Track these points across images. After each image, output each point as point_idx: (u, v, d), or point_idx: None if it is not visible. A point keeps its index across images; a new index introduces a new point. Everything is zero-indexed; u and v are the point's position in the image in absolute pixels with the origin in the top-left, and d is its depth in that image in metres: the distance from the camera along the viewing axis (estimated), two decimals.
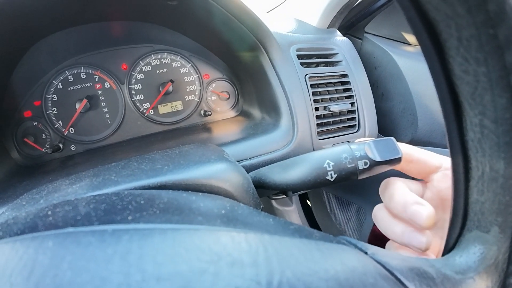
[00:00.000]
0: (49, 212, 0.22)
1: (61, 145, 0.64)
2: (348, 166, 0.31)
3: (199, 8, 0.49)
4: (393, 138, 0.32)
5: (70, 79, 0.64)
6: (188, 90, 0.70)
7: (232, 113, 0.74)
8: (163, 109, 0.69)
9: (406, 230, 0.28)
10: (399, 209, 0.28)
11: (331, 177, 0.32)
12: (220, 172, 0.33)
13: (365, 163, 0.31)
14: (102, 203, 0.23)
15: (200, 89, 0.71)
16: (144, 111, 0.68)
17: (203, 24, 0.57)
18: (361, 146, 0.32)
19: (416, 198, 0.28)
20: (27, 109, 0.64)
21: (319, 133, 0.59)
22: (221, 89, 0.73)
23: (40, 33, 0.57)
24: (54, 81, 0.64)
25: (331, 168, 0.32)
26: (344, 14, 0.75)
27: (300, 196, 0.99)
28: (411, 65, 0.72)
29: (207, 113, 0.70)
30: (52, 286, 0.13)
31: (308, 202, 0.99)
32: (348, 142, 0.36)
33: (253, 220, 0.22)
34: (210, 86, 0.72)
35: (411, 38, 0.80)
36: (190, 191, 0.29)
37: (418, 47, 0.77)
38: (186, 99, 0.71)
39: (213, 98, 0.72)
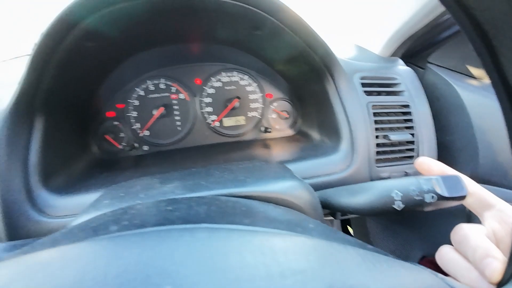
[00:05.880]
0: (170, 208, 0.27)
1: (136, 145, 0.73)
2: (416, 198, 0.33)
3: (279, 37, 0.54)
4: (460, 175, 0.34)
5: (151, 88, 0.73)
6: (251, 107, 0.76)
7: (289, 132, 0.77)
8: (228, 122, 0.75)
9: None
10: (477, 261, 0.29)
11: (398, 207, 0.34)
12: (294, 189, 0.36)
13: (432, 197, 0.32)
14: (211, 205, 0.28)
15: (263, 107, 0.76)
16: (211, 122, 0.75)
17: (277, 50, 0.62)
18: (429, 181, 0.33)
19: (494, 251, 0.28)
20: (111, 110, 0.73)
21: (377, 160, 0.60)
22: (282, 108, 0.77)
23: (131, 51, 0.66)
24: (136, 88, 0.73)
25: (399, 198, 0.33)
26: (408, 43, 0.76)
27: (341, 221, 0.98)
28: (475, 99, 0.70)
29: (267, 130, 0.74)
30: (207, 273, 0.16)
31: (350, 229, 0.98)
32: (419, 175, 0.37)
33: (334, 235, 0.25)
34: (272, 105, 0.77)
35: (476, 71, 0.79)
36: (272, 203, 0.33)
37: (483, 81, 0.75)
38: (249, 115, 0.76)
39: (274, 116, 0.77)
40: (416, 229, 0.82)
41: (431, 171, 0.39)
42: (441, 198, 0.32)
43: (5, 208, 0.48)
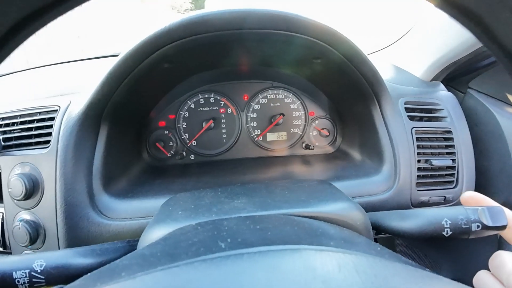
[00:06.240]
0: (258, 226, 0.30)
1: (184, 153, 0.78)
2: (463, 226, 0.36)
3: (334, 65, 0.57)
4: (502, 207, 0.37)
5: (201, 101, 0.78)
6: (294, 123, 0.80)
7: (329, 149, 0.81)
8: (271, 137, 0.79)
9: None
10: (511, 284, 0.33)
11: (447, 233, 0.37)
12: (351, 211, 0.39)
13: (478, 226, 0.36)
14: (293, 225, 0.31)
15: (305, 124, 0.80)
16: (255, 136, 0.79)
17: (327, 74, 0.65)
18: (475, 211, 0.37)
19: None
20: (162, 120, 0.79)
21: (418, 184, 0.62)
22: (323, 126, 0.81)
23: (194, 71, 0.71)
24: (188, 101, 0.78)
25: (448, 225, 0.37)
26: (450, 69, 0.77)
27: None
28: None
29: (310, 147, 0.78)
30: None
31: None
32: (464, 206, 0.40)
33: (400, 257, 0.29)
34: (314, 122, 0.81)
35: None
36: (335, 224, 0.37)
37: None
38: (291, 131, 0.80)
39: (314, 133, 0.81)
40: (446, 253, 0.83)
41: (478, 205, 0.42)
42: (485, 227, 0.36)
43: (68, 209, 0.52)
